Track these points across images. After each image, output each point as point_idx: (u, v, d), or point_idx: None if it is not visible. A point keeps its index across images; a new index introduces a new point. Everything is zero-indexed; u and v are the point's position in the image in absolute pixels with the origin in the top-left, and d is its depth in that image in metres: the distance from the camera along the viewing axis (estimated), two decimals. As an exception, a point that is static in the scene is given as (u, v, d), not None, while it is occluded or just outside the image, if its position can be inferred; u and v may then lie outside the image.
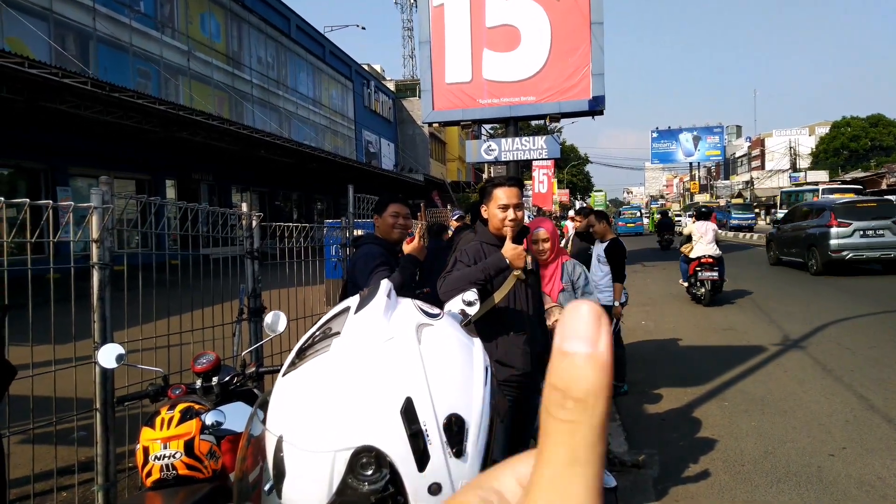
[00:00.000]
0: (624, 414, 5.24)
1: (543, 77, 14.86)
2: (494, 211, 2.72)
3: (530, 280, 2.77)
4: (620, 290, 5.88)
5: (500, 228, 2.69)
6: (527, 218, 4.58)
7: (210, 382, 2.30)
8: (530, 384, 2.74)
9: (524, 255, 2.48)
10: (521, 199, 2.75)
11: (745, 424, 4.86)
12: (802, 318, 9.08)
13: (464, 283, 2.46)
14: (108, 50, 18.11)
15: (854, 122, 48.27)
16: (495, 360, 2.61)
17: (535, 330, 2.78)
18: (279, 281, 4.25)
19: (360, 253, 3.15)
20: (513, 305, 2.69)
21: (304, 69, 30.42)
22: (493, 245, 2.71)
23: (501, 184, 2.74)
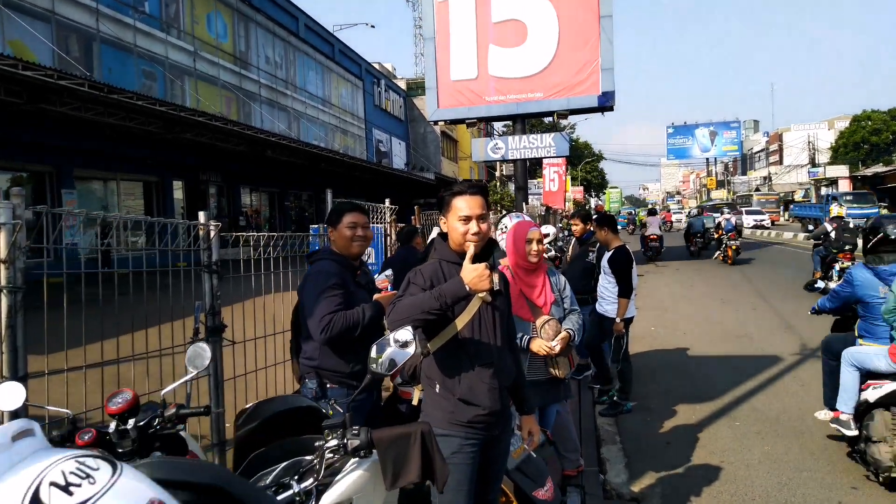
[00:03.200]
0: (626, 435, 4.85)
1: (551, 72, 14.49)
2: (454, 224, 2.34)
3: (498, 302, 2.41)
4: (626, 305, 5.37)
5: (462, 244, 2.31)
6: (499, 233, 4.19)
7: (126, 425, 1.98)
8: (499, 423, 2.39)
9: (488, 276, 2.13)
10: (485, 209, 2.36)
11: (758, 449, 4.45)
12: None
13: (416, 312, 2.11)
14: (112, 51, 17.96)
15: (875, 115, 47.13)
16: (458, 399, 2.27)
17: (504, 360, 2.41)
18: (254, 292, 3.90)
19: (312, 270, 2.80)
20: (477, 333, 2.32)
21: (313, 68, 30.21)
22: (454, 264, 2.34)
23: (461, 192, 2.35)
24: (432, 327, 2.25)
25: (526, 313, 3.38)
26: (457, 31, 14.68)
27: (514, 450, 2.74)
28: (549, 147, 14.60)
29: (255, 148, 19.74)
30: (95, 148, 16.57)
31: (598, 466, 4.23)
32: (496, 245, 2.51)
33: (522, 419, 2.64)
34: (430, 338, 2.28)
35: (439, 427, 2.25)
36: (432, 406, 2.34)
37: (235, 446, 1.90)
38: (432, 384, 2.34)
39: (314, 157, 22.17)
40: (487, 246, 2.38)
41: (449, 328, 2.26)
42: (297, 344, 2.92)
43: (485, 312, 2.35)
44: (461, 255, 2.32)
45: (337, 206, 2.95)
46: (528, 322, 3.37)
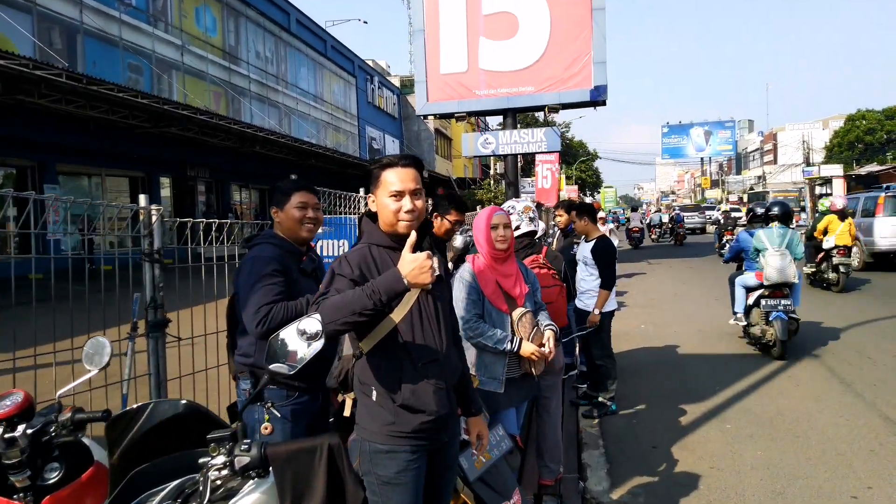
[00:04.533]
0: (609, 439, 4.55)
1: (543, 66, 14.25)
2: (384, 200, 2.02)
3: (438, 288, 2.09)
4: (606, 297, 5.06)
5: (394, 224, 2.02)
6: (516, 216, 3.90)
7: (14, 432, 1.69)
8: (447, 429, 2.08)
9: (430, 266, 1.81)
10: (419, 183, 2.05)
11: (750, 454, 4.15)
12: (819, 322, 8.35)
13: (345, 314, 1.78)
14: (96, 44, 17.62)
15: (869, 114, 47.01)
16: (399, 406, 1.95)
17: (450, 356, 2.11)
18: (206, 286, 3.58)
19: (248, 256, 2.49)
20: (418, 326, 2.00)
21: (305, 64, 29.87)
22: (387, 248, 2.04)
23: (392, 164, 2.03)
24: (364, 323, 1.94)
25: (502, 305, 3.09)
26: (447, 23, 14.42)
27: (476, 458, 2.44)
28: (541, 142, 14.38)
29: (243, 143, 19.42)
30: (79, 142, 16.24)
31: (577, 473, 3.93)
32: (431, 226, 2.21)
33: (469, 422, 2.32)
34: (361, 336, 1.97)
35: (378, 441, 1.96)
36: (368, 417, 2.01)
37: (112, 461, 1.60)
38: (367, 391, 2.01)
39: (304, 153, 21.85)
40: (423, 227, 2.09)
41: (384, 323, 1.95)
42: (234, 339, 2.62)
43: (424, 302, 2.04)
44: (394, 238, 2.03)
45: (283, 184, 2.64)
46: (505, 315, 3.08)
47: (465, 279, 3.07)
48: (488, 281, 3.10)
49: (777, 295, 6.80)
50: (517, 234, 3.83)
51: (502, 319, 3.09)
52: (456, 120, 15.78)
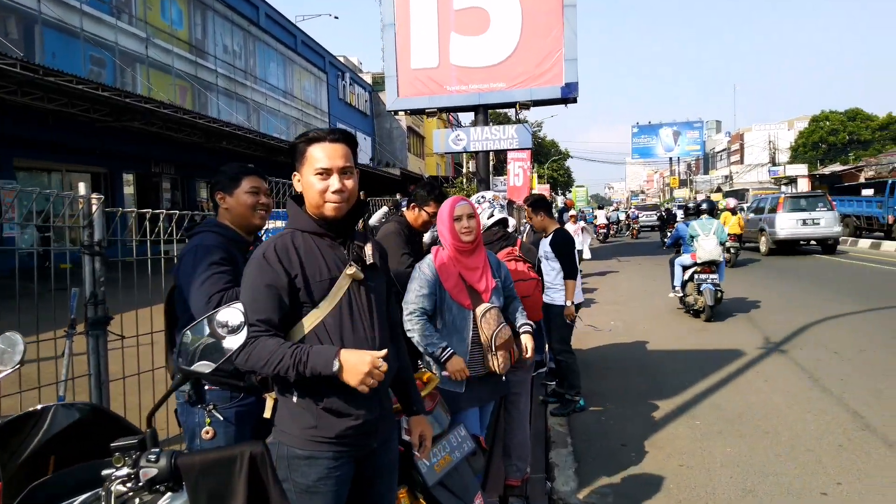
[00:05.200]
0: (578, 437, 4.46)
1: (514, 62, 14.18)
2: (310, 179, 1.84)
3: (372, 278, 1.93)
4: (573, 287, 4.98)
5: (321, 206, 1.84)
6: (487, 204, 3.78)
7: None
8: (377, 433, 1.92)
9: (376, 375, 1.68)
10: (350, 161, 1.87)
11: (720, 451, 4.10)
12: (784, 318, 8.41)
13: (267, 367, 1.68)
14: (56, 35, 17.03)
15: (832, 116, 48.10)
16: (322, 409, 1.79)
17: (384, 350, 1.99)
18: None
19: (190, 246, 2.30)
20: (347, 321, 1.83)
21: (274, 59, 29.40)
22: (314, 235, 1.87)
23: (319, 138, 1.85)
24: (286, 316, 1.80)
25: (465, 300, 2.95)
26: (417, 17, 14.25)
27: (436, 461, 2.30)
28: (512, 139, 14.33)
29: (210, 139, 18.99)
30: (37, 136, 15.66)
31: (545, 473, 3.82)
32: (365, 209, 2.04)
33: (411, 421, 2.15)
34: (284, 331, 1.81)
35: (297, 446, 1.80)
36: (289, 420, 1.84)
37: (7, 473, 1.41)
38: (288, 391, 1.84)
39: (273, 149, 21.48)
40: (356, 210, 1.92)
41: (309, 317, 1.79)
42: (173, 337, 2.43)
43: (356, 294, 1.86)
44: (321, 222, 1.85)
45: (229, 168, 2.45)
46: (468, 310, 2.94)
47: (423, 272, 2.93)
48: (450, 274, 2.96)
49: (706, 271, 8.73)
50: (491, 221, 3.71)
51: (464, 316, 2.96)
52: (427, 116, 15.65)
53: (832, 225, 17.64)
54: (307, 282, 1.80)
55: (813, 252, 18.11)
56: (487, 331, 2.92)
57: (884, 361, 6.10)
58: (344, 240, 1.91)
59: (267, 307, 1.75)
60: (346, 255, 1.88)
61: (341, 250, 1.89)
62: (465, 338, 2.94)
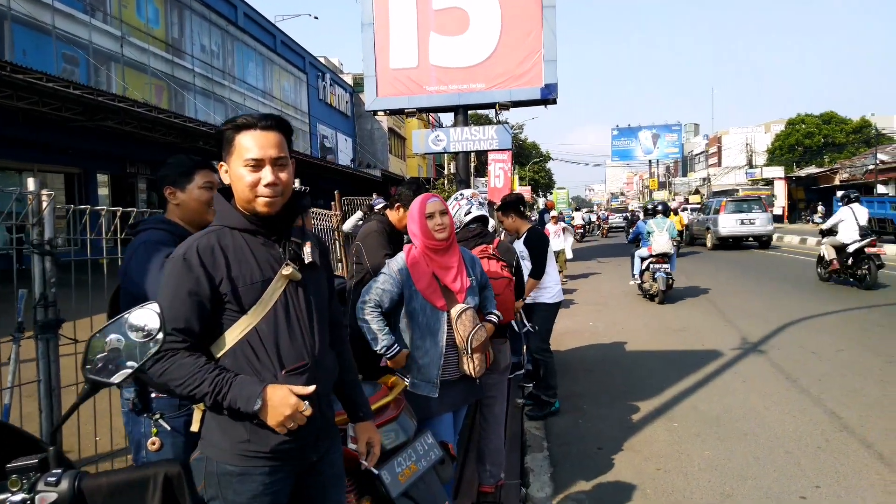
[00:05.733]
0: (554, 440, 4.36)
1: (494, 63, 14.16)
2: (239, 171, 1.66)
3: (311, 278, 1.78)
4: (533, 286, 4.80)
5: (251, 201, 1.67)
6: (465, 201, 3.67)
7: None
8: (317, 445, 1.77)
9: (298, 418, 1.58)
10: (285, 151, 1.70)
11: (697, 455, 4.03)
12: (762, 318, 8.43)
13: (183, 387, 1.54)
14: (26, 32, 16.62)
15: (808, 119, 48.75)
16: (258, 421, 1.61)
17: (324, 358, 1.78)
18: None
19: (136, 243, 2.16)
20: (283, 325, 1.67)
21: (253, 59, 29.08)
22: (243, 232, 1.70)
23: (249, 124, 1.66)
24: (216, 321, 1.65)
25: (439, 300, 2.83)
26: (397, 17, 14.17)
27: (401, 471, 2.18)
28: (492, 139, 14.28)
29: (186, 139, 18.66)
30: (7, 135, 15.26)
31: (520, 478, 3.72)
32: (305, 201, 1.90)
33: (357, 428, 1.99)
34: (209, 340, 1.66)
35: (229, 462, 1.64)
36: (219, 433, 1.67)
37: None
38: None
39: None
40: (292, 204, 1.77)
41: (239, 325, 1.64)
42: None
43: (293, 296, 1.71)
44: (252, 219, 1.69)
45: (182, 161, 2.31)
46: (441, 312, 2.82)
47: (391, 269, 2.82)
48: (423, 274, 2.84)
49: (660, 261, 10.32)
50: (468, 218, 3.60)
51: (438, 317, 2.84)
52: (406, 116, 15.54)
53: (765, 224, 20.92)
54: (235, 286, 1.63)
55: (751, 247, 21.31)
56: (463, 332, 2.82)
57: (861, 361, 6.10)
58: (279, 237, 1.74)
59: (187, 315, 1.58)
60: (282, 255, 1.72)
61: (276, 249, 1.72)
62: (440, 340, 2.83)
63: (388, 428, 2.26)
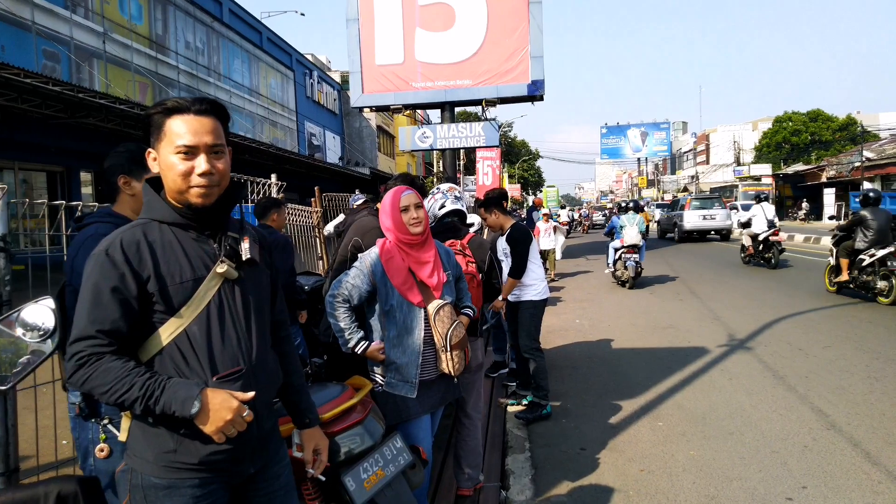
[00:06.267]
0: (536, 442, 4.26)
1: (480, 59, 14.06)
2: (169, 159, 1.53)
3: (253, 278, 1.65)
4: (512, 285, 4.68)
5: (184, 192, 1.54)
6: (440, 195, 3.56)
7: None
8: (255, 457, 1.64)
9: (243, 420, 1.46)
10: (221, 137, 1.57)
11: (682, 454, 3.94)
12: (750, 314, 8.37)
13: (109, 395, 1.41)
14: (5, 27, 16.36)
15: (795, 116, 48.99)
16: (182, 433, 1.50)
17: (263, 362, 1.64)
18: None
19: (81, 237, 2.03)
20: (216, 327, 1.54)
21: (239, 56, 28.81)
22: (174, 226, 1.57)
23: (181, 108, 1.53)
24: (144, 322, 1.51)
25: (415, 297, 2.71)
26: (382, 12, 14.03)
27: (367, 477, 2.06)
28: (479, 136, 14.19)
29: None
30: (-13, 133, 14.99)
31: (500, 481, 3.61)
32: (241, 191, 1.78)
33: (303, 435, 1.85)
34: (136, 344, 1.52)
35: (154, 474, 1.51)
36: (143, 442, 1.53)
37: None
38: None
39: (237, 147, 20.98)
40: (229, 196, 1.64)
41: (168, 327, 1.51)
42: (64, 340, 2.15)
43: (228, 296, 1.58)
44: (185, 212, 1.56)
45: (133, 149, 2.18)
46: (418, 308, 2.71)
47: (363, 265, 2.69)
48: (399, 269, 2.72)
49: (630, 251, 11.62)
50: (442, 212, 3.49)
51: (414, 314, 2.73)
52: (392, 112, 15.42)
53: (724, 220, 23.49)
54: (163, 284, 1.49)
55: (713, 240, 24.01)
56: (441, 330, 2.71)
57: (848, 357, 6.05)
58: (214, 232, 1.61)
59: (112, 316, 1.44)
60: (217, 251, 1.58)
61: (210, 245, 1.59)
62: (417, 338, 2.72)
63: (353, 432, 2.14)
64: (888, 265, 8.77)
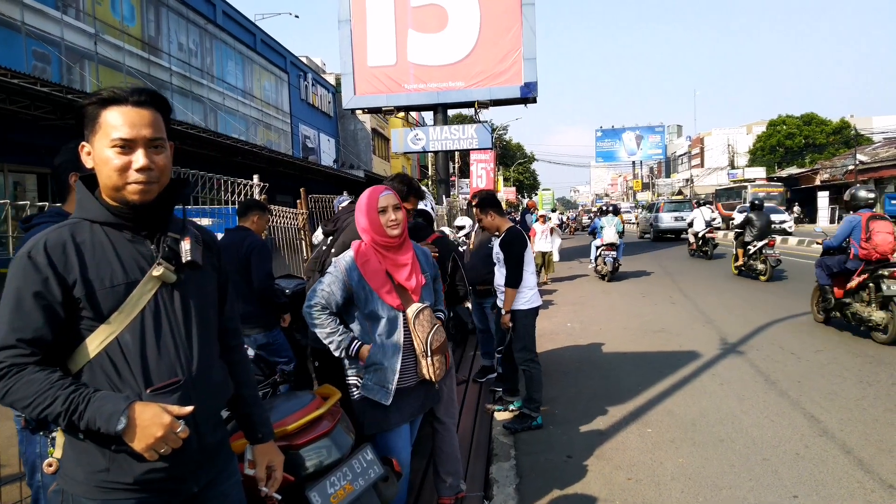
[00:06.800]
0: (522, 449, 4.16)
1: (473, 61, 14.01)
2: (104, 153, 1.41)
3: (192, 281, 1.53)
4: (512, 296, 4.45)
5: (120, 189, 1.42)
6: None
7: None
8: (199, 474, 1.53)
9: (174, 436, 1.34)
10: (161, 131, 1.45)
11: (671, 462, 3.84)
12: (741, 317, 8.31)
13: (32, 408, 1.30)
14: (-7, 28, 16.18)
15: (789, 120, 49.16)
16: (115, 449, 1.38)
17: (208, 372, 1.52)
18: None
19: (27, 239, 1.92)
20: (152, 337, 1.43)
21: (233, 58, 28.64)
22: (107, 226, 1.45)
23: (117, 99, 1.41)
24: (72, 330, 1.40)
25: (394, 300, 2.61)
26: (374, 13, 13.97)
27: (333, 492, 1.96)
28: (472, 139, 14.12)
29: (161, 138, 18.31)
30: (-27, 133, 14.84)
31: (483, 490, 3.50)
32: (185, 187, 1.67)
33: (255, 451, 1.72)
34: (62, 354, 1.41)
35: (85, 495, 1.40)
36: (74, 460, 1.42)
37: None
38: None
39: (229, 149, 20.83)
40: (170, 193, 1.53)
41: (97, 336, 1.38)
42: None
43: (166, 302, 1.46)
44: (121, 210, 1.45)
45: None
46: (398, 312, 2.61)
47: (338, 270, 2.59)
48: (376, 272, 2.62)
49: (609, 249, 13.27)
50: None
51: (395, 318, 2.63)
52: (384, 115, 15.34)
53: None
54: (90, 289, 1.38)
55: (686, 239, 25.62)
56: (422, 334, 2.61)
57: (841, 361, 5.97)
58: (153, 232, 1.50)
59: (34, 324, 1.33)
60: (155, 252, 1.47)
61: (147, 246, 1.48)
62: (400, 344, 2.62)
63: (319, 444, 2.04)
64: (763, 252, 12.09)
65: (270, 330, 4.13)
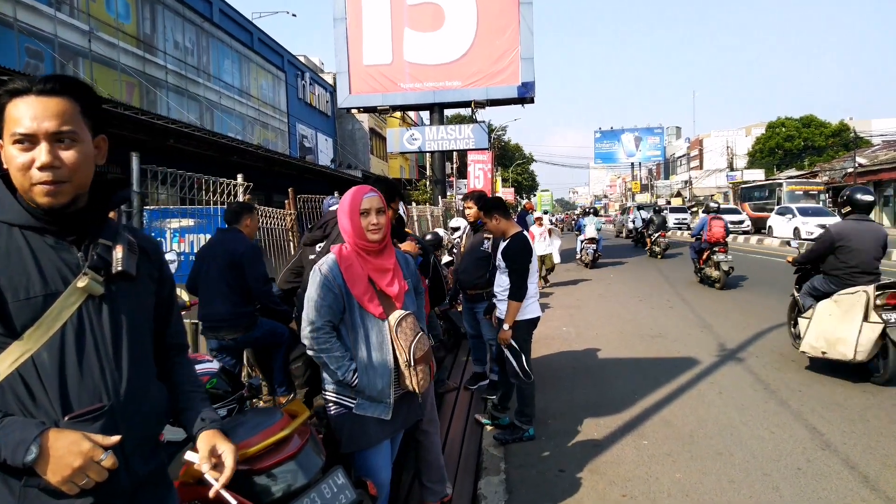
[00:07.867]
0: (513, 461, 4.00)
1: (470, 60, 13.86)
2: (9, 152, 1.27)
3: (124, 294, 1.38)
4: (516, 310, 4.19)
5: (27, 190, 1.28)
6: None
7: None
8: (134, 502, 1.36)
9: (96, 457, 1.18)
10: (72, 122, 1.28)
11: (667, 477, 3.68)
12: (740, 323, 8.15)
13: None
14: (-15, 24, 16.02)
15: (788, 122, 49.13)
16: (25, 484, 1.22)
17: (136, 398, 1.35)
18: None
19: None
20: (72, 357, 1.27)
21: (229, 57, 28.48)
22: (25, 229, 1.30)
23: (21, 90, 1.26)
24: None
25: (376, 308, 2.45)
26: (370, 11, 13.81)
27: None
28: (468, 139, 13.98)
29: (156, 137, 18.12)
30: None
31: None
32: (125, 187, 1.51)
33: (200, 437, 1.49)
34: None
35: None
36: None
37: None
38: None
39: (225, 148, 20.66)
40: (99, 195, 1.38)
41: (8, 354, 1.24)
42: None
43: (91, 316, 1.31)
44: (40, 214, 1.29)
45: None
46: (380, 320, 2.45)
47: (324, 276, 2.41)
48: (358, 278, 2.46)
49: (590, 243, 15.91)
50: None
51: (378, 326, 2.47)
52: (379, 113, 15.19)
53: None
54: (2, 300, 1.23)
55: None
56: (404, 343, 2.46)
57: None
58: (81, 238, 1.35)
59: None
60: (82, 261, 1.32)
61: (73, 253, 1.33)
62: (387, 353, 2.46)
63: (284, 468, 1.87)
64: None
65: (250, 330, 3.98)
